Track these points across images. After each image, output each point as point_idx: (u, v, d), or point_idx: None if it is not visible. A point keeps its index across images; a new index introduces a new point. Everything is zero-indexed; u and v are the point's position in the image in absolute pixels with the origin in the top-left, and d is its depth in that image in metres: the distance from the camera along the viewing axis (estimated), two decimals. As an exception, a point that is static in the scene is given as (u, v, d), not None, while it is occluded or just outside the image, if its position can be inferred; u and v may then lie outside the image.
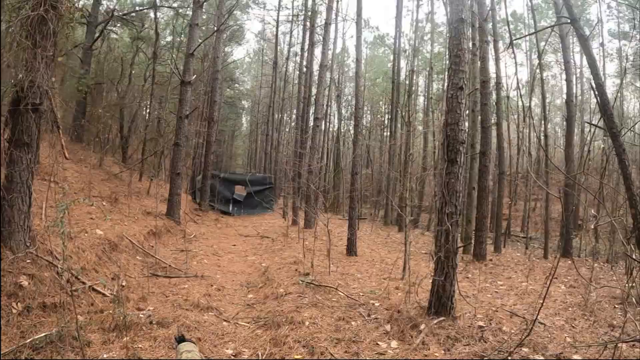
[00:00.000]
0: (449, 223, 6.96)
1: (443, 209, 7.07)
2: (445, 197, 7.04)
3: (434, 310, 6.86)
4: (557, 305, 8.17)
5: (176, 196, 14.80)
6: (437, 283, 6.96)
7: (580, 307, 7.98)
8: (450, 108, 7.19)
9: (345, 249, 12.98)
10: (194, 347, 4.14)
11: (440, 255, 6.98)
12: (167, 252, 11.47)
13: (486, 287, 10.12)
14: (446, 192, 7.04)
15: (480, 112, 14.26)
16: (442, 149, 7.28)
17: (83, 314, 6.17)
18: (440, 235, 7.06)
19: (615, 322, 7.13)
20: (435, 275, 7.04)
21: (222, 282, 9.26)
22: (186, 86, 14.81)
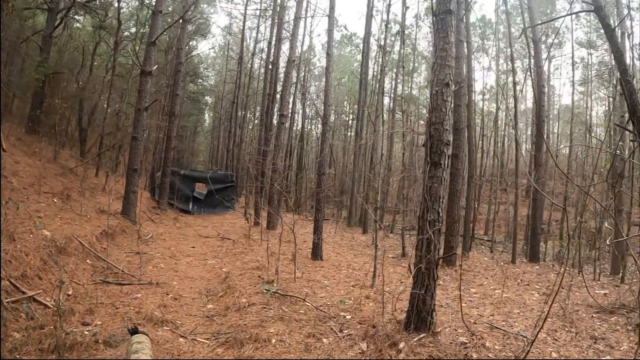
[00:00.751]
0: (430, 231, 6.42)
1: (424, 216, 6.53)
2: (427, 202, 6.50)
3: (413, 326, 6.33)
4: (534, 316, 7.83)
5: (132, 194, 13.80)
6: (417, 296, 6.41)
7: (559, 317, 7.74)
8: (434, 106, 6.67)
9: (310, 253, 12.34)
10: (145, 339, 4.22)
11: (421, 266, 6.43)
12: (121, 254, 10.60)
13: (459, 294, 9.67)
14: (428, 197, 6.50)
15: (452, 113, 13.77)
16: (425, 150, 6.73)
17: (20, 331, 5.40)
18: (421, 244, 6.51)
19: (597, 333, 6.99)
20: (414, 287, 6.49)
21: (179, 290, 8.49)
22: (146, 76, 13.85)
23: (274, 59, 20.37)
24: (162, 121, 21.50)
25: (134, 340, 4.22)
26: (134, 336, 4.34)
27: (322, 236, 12.37)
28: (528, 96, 34.50)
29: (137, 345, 4.09)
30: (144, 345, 4.14)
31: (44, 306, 6.31)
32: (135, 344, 4.11)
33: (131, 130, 14.69)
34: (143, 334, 4.45)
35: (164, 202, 19.83)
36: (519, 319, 7.71)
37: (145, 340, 4.27)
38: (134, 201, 13.84)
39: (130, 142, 14.28)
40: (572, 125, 26.07)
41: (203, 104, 42.14)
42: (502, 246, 21.46)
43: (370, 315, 7.23)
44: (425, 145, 6.84)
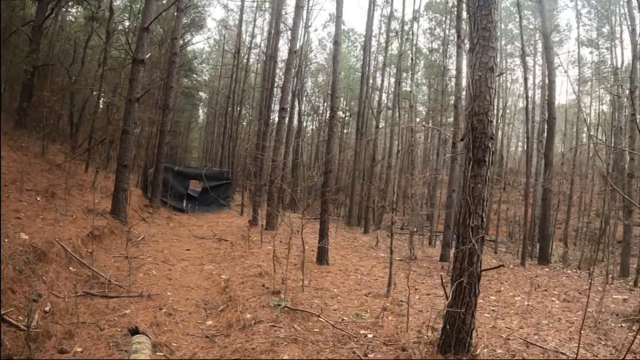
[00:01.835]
0: (474, 240, 5.41)
1: (466, 221, 5.52)
2: (470, 206, 5.49)
3: (452, 350, 5.38)
4: (563, 326, 7.37)
5: (122, 192, 12.55)
6: (457, 316, 5.42)
7: (591, 328, 7.18)
8: (476, 94, 5.66)
9: (314, 256, 11.30)
10: (145, 339, 4.03)
11: (463, 280, 5.42)
12: (108, 259, 9.45)
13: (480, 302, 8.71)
14: (471, 199, 5.49)
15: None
16: (466, 145, 5.71)
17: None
18: (463, 255, 5.49)
19: (634, 346, 6.27)
20: (453, 305, 5.51)
21: (174, 303, 7.37)
22: (138, 65, 12.65)
23: (272, 52, 19.23)
24: (155, 115, 20.32)
25: (134, 340, 4.01)
26: (134, 336, 4.11)
27: (328, 239, 11.34)
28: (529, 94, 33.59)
29: (137, 346, 3.91)
30: (144, 345, 3.95)
31: (15, 328, 5.22)
32: (136, 344, 3.93)
33: (122, 123, 13.52)
34: (143, 335, 4.21)
35: (157, 200, 18.63)
36: (550, 332, 6.98)
37: (145, 341, 4.06)
38: (124, 200, 12.64)
39: (121, 135, 13.09)
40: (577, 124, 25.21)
41: (197, 100, 41.01)
42: (505, 246, 20.75)
43: (394, 333, 6.25)
44: (464, 140, 5.85)
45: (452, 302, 5.54)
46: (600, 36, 27.24)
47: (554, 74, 16.65)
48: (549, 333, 6.90)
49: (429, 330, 6.12)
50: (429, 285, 10.17)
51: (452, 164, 14.01)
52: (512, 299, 9.29)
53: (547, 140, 16.53)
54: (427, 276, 11.30)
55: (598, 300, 8.77)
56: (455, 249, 5.79)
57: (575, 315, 8.16)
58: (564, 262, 15.96)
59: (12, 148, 13.27)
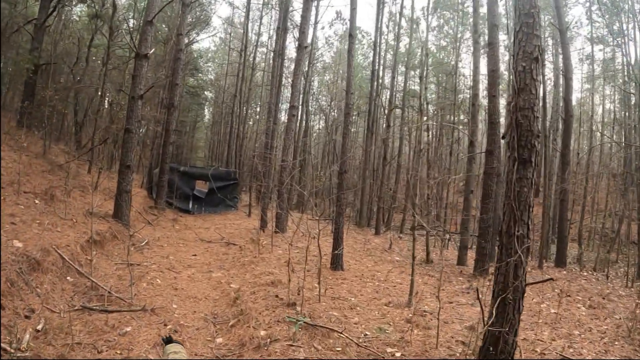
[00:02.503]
0: (520, 251, 4.73)
1: (511, 230, 4.84)
2: (515, 212, 4.82)
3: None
4: (595, 337, 6.84)
5: (125, 194, 11.83)
6: (500, 336, 4.77)
7: (624, 339, 6.74)
8: (521, 86, 5.02)
9: (328, 261, 10.58)
10: (181, 349, 4.07)
11: (509, 296, 4.75)
12: (110, 267, 8.77)
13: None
14: (516, 205, 4.82)
15: (488, 104, 12.04)
16: (509, 144, 5.03)
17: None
18: (507, 268, 4.81)
19: None
20: (496, 323, 4.86)
21: (180, 317, 6.68)
22: (142, 60, 11.94)
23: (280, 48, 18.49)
24: (161, 114, 19.63)
25: (169, 350, 4.02)
26: (168, 345, 4.12)
27: (343, 244, 10.62)
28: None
29: (174, 356, 3.90)
30: (181, 355, 3.95)
31: (2, 352, 4.57)
32: (172, 354, 3.92)
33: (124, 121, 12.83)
34: (178, 344, 4.23)
35: (162, 201, 17.92)
36: (584, 344, 6.48)
37: (181, 350, 4.07)
38: (127, 202, 11.93)
39: (123, 134, 12.38)
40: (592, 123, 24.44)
41: (203, 99, 40.30)
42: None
43: (423, 351, 5.61)
44: (505, 138, 5.17)
45: (494, 320, 4.88)
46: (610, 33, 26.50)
47: (571, 70, 15.95)
48: (583, 345, 6.40)
49: (459, 345, 5.70)
50: (449, 292, 9.44)
51: (469, 164, 13.28)
52: (537, 306, 8.59)
53: (563, 138, 15.77)
54: (445, 282, 10.56)
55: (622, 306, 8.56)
56: (498, 260, 5.08)
57: (604, 323, 7.67)
58: (579, 263, 15.24)
59: (12, 148, 12.63)
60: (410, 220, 25.77)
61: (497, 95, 11.84)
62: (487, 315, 5.12)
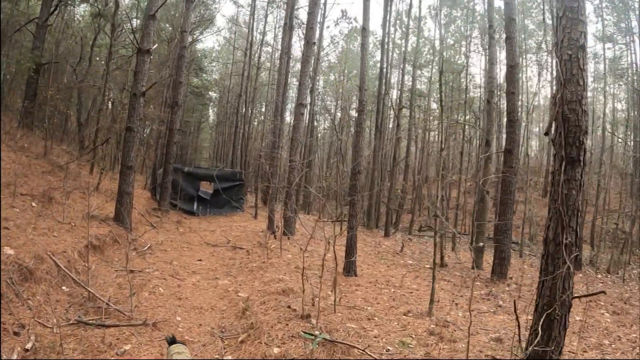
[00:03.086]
0: (569, 261, 4.13)
1: (559, 238, 4.25)
2: (563, 217, 4.22)
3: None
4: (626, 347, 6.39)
5: (126, 195, 11.18)
6: (546, 356, 4.21)
7: None
8: (567, 77, 4.47)
9: (341, 266, 9.93)
10: (184, 349, 4.03)
11: (556, 311, 4.15)
12: (109, 274, 8.17)
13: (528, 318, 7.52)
14: (564, 210, 4.23)
15: (507, 101, 11.39)
16: (555, 142, 4.42)
17: None
18: (554, 281, 4.22)
19: None
20: (540, 343, 4.37)
21: (185, 331, 6.07)
22: (144, 56, 11.31)
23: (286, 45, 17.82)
24: (165, 114, 19.02)
25: (173, 350, 4.01)
26: (172, 346, 4.11)
27: (356, 248, 9.99)
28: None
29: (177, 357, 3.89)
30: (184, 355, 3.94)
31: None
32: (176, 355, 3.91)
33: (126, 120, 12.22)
34: (182, 344, 4.22)
35: (166, 202, 17.28)
36: (616, 355, 6.09)
37: (185, 351, 4.06)
38: (128, 204, 11.29)
39: (125, 133, 11.76)
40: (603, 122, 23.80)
41: (207, 99, 39.78)
42: (528, 249, 19.42)
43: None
44: (550, 134, 4.58)
45: (539, 339, 4.30)
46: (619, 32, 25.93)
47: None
48: (615, 356, 6.02)
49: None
50: (468, 299, 8.79)
51: (485, 164, 12.65)
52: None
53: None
54: (463, 287, 9.94)
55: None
56: (543, 271, 4.47)
57: (631, 330, 7.24)
58: (593, 266, 14.67)
59: (12, 148, 12.09)
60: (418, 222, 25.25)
61: (516, 92, 11.22)
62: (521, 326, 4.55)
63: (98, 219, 10.58)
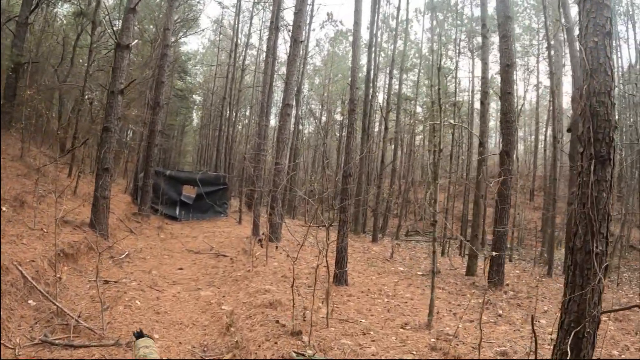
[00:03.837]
0: (600, 272, 3.63)
1: (588, 246, 3.76)
2: (593, 224, 3.71)
3: None
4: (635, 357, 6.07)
5: (103, 200, 10.42)
6: None
7: None
8: (594, 66, 4.05)
9: (331, 275, 9.31)
10: (152, 343, 3.83)
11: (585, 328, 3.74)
12: (82, 285, 7.48)
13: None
14: (595, 214, 3.72)
15: (501, 101, 10.89)
16: (581, 138, 3.91)
17: None
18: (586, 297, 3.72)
19: None
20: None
21: (163, 351, 5.40)
22: (123, 51, 10.60)
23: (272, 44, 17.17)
24: (147, 115, 18.26)
25: (140, 344, 3.72)
26: (139, 340, 3.82)
27: (347, 255, 9.41)
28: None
29: (144, 350, 3.61)
30: (152, 349, 3.66)
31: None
32: (143, 349, 3.63)
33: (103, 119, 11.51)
34: (149, 337, 3.92)
35: (147, 207, 16.50)
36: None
37: (152, 345, 3.77)
38: (105, 209, 10.54)
39: (101, 133, 11.02)
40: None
41: (191, 102, 39.08)
42: (517, 254, 19.11)
43: None
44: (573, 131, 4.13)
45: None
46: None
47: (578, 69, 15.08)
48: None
49: None
50: (466, 308, 8.26)
51: (479, 167, 12.19)
52: None
53: (572, 140, 14.78)
54: (459, 295, 9.46)
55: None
56: (569, 284, 3.93)
57: (636, 339, 6.89)
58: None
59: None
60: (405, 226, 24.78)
61: (512, 92, 10.75)
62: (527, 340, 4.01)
63: (72, 225, 9.87)
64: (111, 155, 10.79)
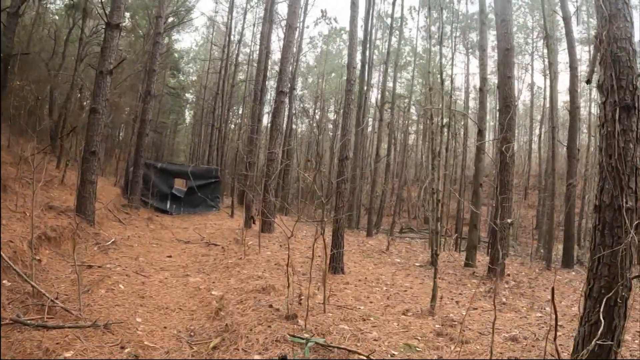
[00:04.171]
0: (632, 229, 3.21)
1: (616, 201, 3.41)
2: (622, 177, 3.40)
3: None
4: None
5: (89, 184, 9.87)
6: (610, 351, 3.50)
7: None
8: (612, 12, 3.81)
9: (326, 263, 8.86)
10: None
11: (619, 295, 3.43)
12: (64, 269, 6.98)
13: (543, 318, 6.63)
14: (622, 166, 3.35)
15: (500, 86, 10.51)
16: (603, 87, 3.55)
17: None
18: (617, 259, 3.32)
19: None
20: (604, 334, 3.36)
21: (145, 335, 4.94)
22: (113, 30, 10.07)
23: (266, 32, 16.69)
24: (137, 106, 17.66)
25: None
26: None
27: (343, 243, 8.98)
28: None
29: None
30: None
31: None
32: None
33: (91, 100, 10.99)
34: None
35: (136, 197, 15.90)
36: None
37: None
38: (91, 195, 9.99)
39: (89, 115, 10.48)
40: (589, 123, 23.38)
41: (184, 101, 38.52)
42: (513, 250, 18.79)
43: None
44: (592, 81, 3.75)
45: (604, 330, 3.34)
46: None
47: (575, 60, 14.77)
48: None
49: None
50: (469, 297, 7.84)
51: (477, 155, 11.79)
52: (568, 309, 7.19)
53: (570, 132, 14.46)
54: (459, 284, 9.07)
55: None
56: (597, 246, 3.53)
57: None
58: (581, 265, 14.00)
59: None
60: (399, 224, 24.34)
61: (512, 76, 10.38)
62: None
63: (57, 210, 9.35)
64: (99, 138, 10.27)
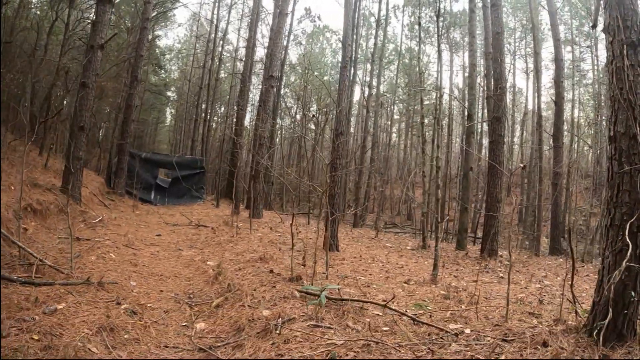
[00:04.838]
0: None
1: (631, 131, 3.34)
2: (634, 107, 3.38)
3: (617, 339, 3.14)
4: None
5: (77, 160, 9.32)
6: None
7: None
8: None
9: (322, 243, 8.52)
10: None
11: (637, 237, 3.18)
12: (51, 240, 6.54)
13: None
14: (633, 98, 3.39)
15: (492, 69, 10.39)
16: (610, 28, 3.47)
17: None
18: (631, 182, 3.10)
19: None
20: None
21: (141, 296, 4.57)
22: (105, 5, 9.60)
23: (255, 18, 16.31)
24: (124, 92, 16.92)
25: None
26: None
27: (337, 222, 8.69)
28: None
29: None
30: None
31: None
32: None
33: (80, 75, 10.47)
34: None
35: (121, 185, 15.24)
36: None
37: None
38: (78, 172, 9.50)
39: (78, 89, 9.97)
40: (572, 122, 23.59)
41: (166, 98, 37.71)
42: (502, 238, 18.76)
43: (494, 325, 3.90)
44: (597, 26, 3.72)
45: (632, 251, 3.15)
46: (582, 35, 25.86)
47: (560, 52, 14.73)
48: None
49: (531, 318, 4.33)
50: (467, 273, 7.63)
51: (467, 139, 11.62)
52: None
53: (555, 121, 14.50)
54: (454, 264, 8.87)
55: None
56: (616, 173, 3.31)
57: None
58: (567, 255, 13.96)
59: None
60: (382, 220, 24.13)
61: (503, 59, 10.23)
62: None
63: (43, 188, 8.84)
64: (88, 113, 9.75)
